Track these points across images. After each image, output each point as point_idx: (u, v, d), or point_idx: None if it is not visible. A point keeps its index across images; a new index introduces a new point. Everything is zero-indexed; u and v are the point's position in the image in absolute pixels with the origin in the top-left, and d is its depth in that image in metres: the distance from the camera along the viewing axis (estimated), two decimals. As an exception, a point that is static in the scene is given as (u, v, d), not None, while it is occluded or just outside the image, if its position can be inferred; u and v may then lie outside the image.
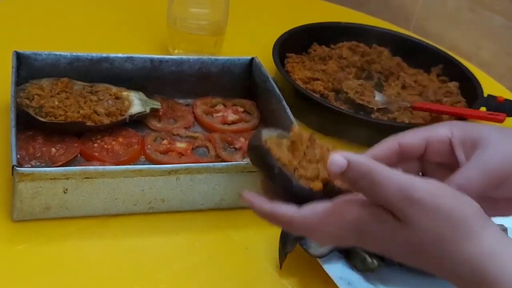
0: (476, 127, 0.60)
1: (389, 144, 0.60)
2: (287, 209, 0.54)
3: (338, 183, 0.56)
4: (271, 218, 0.55)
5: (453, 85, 1.10)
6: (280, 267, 0.74)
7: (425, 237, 0.52)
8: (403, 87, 1.09)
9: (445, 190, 0.53)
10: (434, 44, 1.21)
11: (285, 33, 1.11)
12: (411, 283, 0.76)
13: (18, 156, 0.76)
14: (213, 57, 0.98)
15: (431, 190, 0.52)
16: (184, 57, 0.96)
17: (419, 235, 0.52)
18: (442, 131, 0.60)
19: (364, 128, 0.95)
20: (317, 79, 1.05)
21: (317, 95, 1.02)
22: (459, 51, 1.34)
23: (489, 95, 1.06)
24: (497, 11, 1.35)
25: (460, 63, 1.16)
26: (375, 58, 1.13)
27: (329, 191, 0.54)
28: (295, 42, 1.12)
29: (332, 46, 1.16)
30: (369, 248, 0.54)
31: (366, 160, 0.51)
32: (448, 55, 1.17)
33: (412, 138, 0.60)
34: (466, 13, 1.39)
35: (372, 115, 1.01)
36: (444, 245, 0.52)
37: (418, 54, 1.17)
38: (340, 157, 0.50)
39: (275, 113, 0.91)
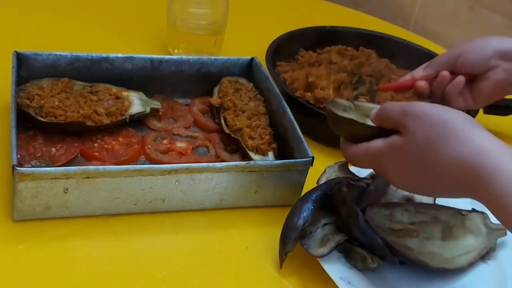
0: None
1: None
2: (345, 143, 0.72)
3: None
4: (341, 147, 0.73)
5: None
6: (280, 267, 0.74)
7: (421, 143, 0.61)
8: None
9: (435, 105, 0.63)
10: (418, 43, 1.21)
11: (273, 41, 1.09)
12: (411, 283, 0.76)
13: (19, 156, 0.76)
14: (213, 57, 0.98)
15: (423, 104, 0.63)
16: (184, 57, 0.97)
17: (416, 142, 0.62)
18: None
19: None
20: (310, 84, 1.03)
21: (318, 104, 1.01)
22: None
23: None
24: (497, 10, 1.35)
25: None
26: (364, 61, 1.13)
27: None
28: (283, 49, 1.10)
29: (319, 50, 1.16)
30: (388, 173, 0.67)
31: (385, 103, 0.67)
32: (435, 54, 1.16)
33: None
34: (466, 12, 1.40)
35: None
36: (437, 148, 0.59)
37: (404, 54, 1.17)
38: (376, 107, 0.69)
39: (276, 113, 0.91)
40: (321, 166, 0.84)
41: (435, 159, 0.60)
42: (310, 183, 0.83)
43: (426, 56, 1.14)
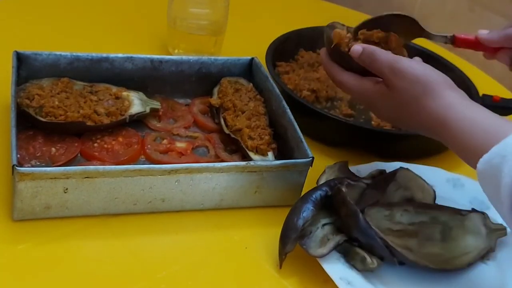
0: None
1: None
2: (335, 69, 0.82)
3: None
4: (326, 70, 0.84)
5: None
6: (280, 267, 0.74)
7: (403, 97, 0.73)
8: None
9: (421, 64, 0.75)
10: (418, 43, 1.20)
11: (273, 42, 1.09)
12: (411, 283, 0.76)
13: (18, 156, 0.76)
14: (213, 57, 0.98)
15: (409, 63, 0.73)
16: (184, 57, 0.97)
17: (400, 96, 0.73)
18: None
19: (365, 136, 0.95)
20: (314, 90, 1.03)
21: (315, 105, 1.01)
22: (458, 51, 1.33)
23: (484, 95, 1.05)
24: (497, 11, 1.35)
25: (448, 62, 1.15)
26: None
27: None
28: (283, 50, 1.10)
29: (319, 51, 1.15)
30: (372, 109, 0.82)
31: (372, 46, 0.77)
32: (435, 54, 1.16)
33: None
34: (466, 13, 1.39)
35: (372, 122, 1.00)
36: (417, 102, 0.72)
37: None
38: (358, 46, 0.78)
39: (276, 113, 0.91)
40: (321, 166, 0.84)
41: (415, 111, 0.72)
42: (310, 183, 0.83)
43: (426, 56, 1.14)
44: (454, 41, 0.87)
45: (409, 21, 0.87)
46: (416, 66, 0.74)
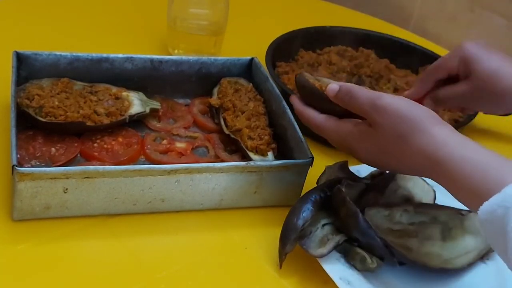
0: (469, 53, 0.87)
1: (427, 81, 0.91)
2: (311, 112, 0.78)
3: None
4: (300, 116, 0.80)
5: None
6: (280, 267, 0.74)
7: (388, 136, 0.69)
8: (395, 90, 1.08)
9: (403, 99, 0.69)
10: (418, 44, 1.21)
11: (273, 42, 1.08)
12: (410, 283, 0.76)
13: (18, 156, 0.76)
14: (213, 58, 0.98)
15: (391, 99, 0.69)
16: (184, 57, 0.97)
17: (384, 135, 0.69)
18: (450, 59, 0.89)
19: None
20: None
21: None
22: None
23: None
24: (497, 11, 1.35)
25: None
26: (363, 61, 1.13)
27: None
28: (283, 50, 1.10)
29: (319, 51, 1.15)
30: (354, 153, 0.75)
31: (349, 84, 0.73)
32: (434, 53, 1.16)
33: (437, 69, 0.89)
34: (466, 13, 1.39)
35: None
36: (402, 142, 0.67)
37: (403, 54, 1.16)
38: (334, 84, 0.74)
39: (275, 113, 0.91)
40: (321, 167, 0.84)
41: (401, 150, 0.68)
42: (309, 184, 0.83)
43: (425, 56, 1.14)
44: None
45: None
46: (399, 102, 0.69)
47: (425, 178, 0.84)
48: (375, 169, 0.85)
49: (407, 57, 1.16)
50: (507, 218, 0.57)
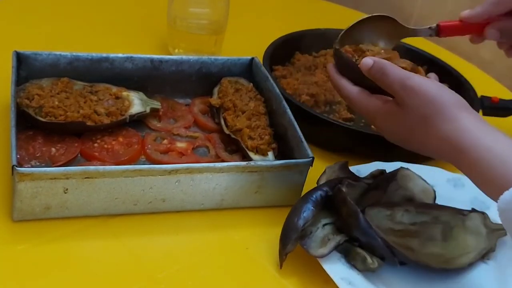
0: None
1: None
2: (345, 83, 0.78)
3: None
4: (334, 85, 0.79)
5: None
6: (280, 267, 0.74)
7: (414, 116, 0.69)
8: None
9: (433, 82, 0.70)
10: (418, 43, 1.20)
11: (269, 46, 1.08)
12: (411, 283, 0.76)
13: (18, 156, 0.76)
14: (213, 57, 0.98)
15: (421, 80, 0.69)
16: (184, 57, 0.96)
17: (411, 115, 0.69)
18: None
19: (365, 140, 0.94)
20: (313, 95, 1.02)
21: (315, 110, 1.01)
22: (459, 50, 1.34)
23: (483, 96, 1.05)
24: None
25: (445, 63, 1.14)
26: None
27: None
28: (279, 53, 1.09)
29: (315, 54, 1.15)
30: (380, 129, 0.75)
31: (383, 60, 0.73)
32: (432, 55, 1.16)
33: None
34: (466, 13, 1.39)
35: (373, 126, 1.00)
36: (428, 124, 0.68)
37: (400, 56, 1.16)
38: (369, 59, 0.74)
39: (276, 113, 0.91)
40: (321, 167, 0.84)
41: (426, 133, 0.69)
42: (310, 183, 0.83)
43: (423, 58, 1.14)
44: (439, 31, 0.84)
45: (391, 21, 0.85)
46: (429, 84, 0.69)
47: (425, 178, 0.84)
48: (376, 169, 0.85)
49: (403, 58, 1.15)
50: None
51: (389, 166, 0.86)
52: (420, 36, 0.85)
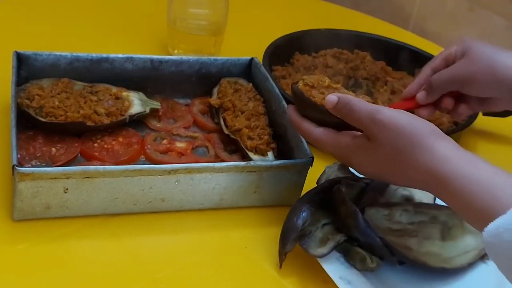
0: (468, 41, 0.84)
1: (425, 72, 0.87)
2: (308, 126, 0.75)
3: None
4: (297, 128, 0.76)
5: None
6: (280, 267, 0.74)
7: (387, 151, 0.67)
8: (392, 92, 1.08)
9: (403, 113, 0.67)
10: (418, 43, 1.20)
11: (269, 46, 1.08)
12: (411, 283, 0.76)
13: (19, 156, 0.76)
14: (212, 58, 0.98)
15: (391, 112, 0.67)
16: (184, 57, 0.97)
17: (383, 149, 0.67)
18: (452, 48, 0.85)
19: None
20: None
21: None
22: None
23: None
24: (497, 11, 1.35)
25: None
26: (359, 64, 1.12)
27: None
28: (278, 54, 1.09)
29: (314, 54, 1.15)
30: (354, 166, 0.73)
31: (348, 96, 0.71)
32: (431, 54, 1.16)
33: (436, 59, 0.87)
34: (465, 13, 1.39)
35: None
36: (403, 157, 0.65)
37: (399, 56, 1.16)
38: (333, 95, 0.72)
39: (275, 113, 0.91)
40: (321, 166, 0.84)
41: (402, 165, 0.66)
42: (309, 183, 0.83)
43: (422, 57, 1.14)
44: None
45: None
46: (399, 116, 0.66)
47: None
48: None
49: (403, 58, 1.16)
50: None
51: (388, 166, 0.86)
52: None
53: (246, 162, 0.80)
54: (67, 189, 0.74)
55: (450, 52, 0.86)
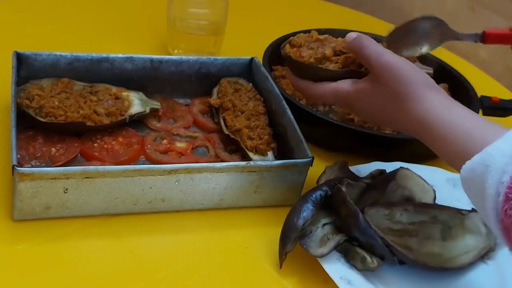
0: None
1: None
2: (307, 83, 0.79)
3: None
4: (298, 88, 0.82)
5: (443, 87, 1.10)
6: (280, 267, 0.74)
7: (385, 92, 0.72)
8: None
9: (405, 61, 0.72)
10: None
11: (269, 46, 1.08)
12: (411, 283, 0.76)
13: (19, 156, 0.76)
14: (212, 57, 0.98)
15: (396, 58, 0.72)
16: (183, 57, 0.97)
17: (382, 91, 0.72)
18: None
19: (365, 140, 0.95)
20: None
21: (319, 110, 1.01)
22: (457, 50, 1.34)
23: (483, 96, 1.05)
24: (497, 11, 1.35)
25: (444, 62, 1.14)
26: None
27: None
28: (278, 53, 1.09)
29: None
30: (354, 111, 0.78)
31: (363, 35, 0.77)
32: (431, 55, 1.15)
33: None
34: (466, 13, 1.40)
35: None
36: (398, 101, 0.71)
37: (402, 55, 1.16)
38: (353, 33, 0.78)
39: (275, 113, 0.91)
40: (321, 166, 0.84)
41: (397, 109, 0.72)
42: (310, 183, 0.83)
43: (423, 57, 1.14)
44: (485, 38, 0.87)
45: (437, 22, 0.86)
46: (402, 62, 0.72)
47: (425, 178, 0.84)
48: (375, 169, 0.85)
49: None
50: (486, 175, 0.59)
51: (389, 166, 0.86)
52: (463, 40, 0.87)
53: (246, 162, 0.80)
54: (67, 189, 0.74)
55: None
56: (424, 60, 1.14)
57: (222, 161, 0.86)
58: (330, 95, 0.78)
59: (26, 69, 0.88)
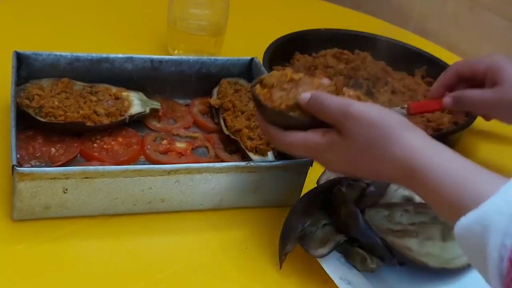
0: (499, 61, 0.87)
1: (449, 74, 0.92)
2: (275, 131, 0.72)
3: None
4: (265, 134, 0.75)
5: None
6: (280, 267, 0.74)
7: (359, 144, 0.66)
8: (393, 92, 1.08)
9: (374, 106, 0.67)
10: (418, 43, 1.20)
11: (269, 46, 1.08)
12: (411, 284, 0.76)
13: (18, 156, 0.76)
14: (213, 58, 0.98)
15: (362, 106, 0.66)
16: (184, 57, 0.97)
17: (354, 143, 0.66)
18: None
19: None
20: None
21: None
22: (458, 51, 1.34)
23: None
24: (497, 11, 1.35)
25: (445, 63, 1.14)
26: (359, 64, 1.12)
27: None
28: (279, 54, 1.09)
29: (314, 54, 1.15)
30: (325, 164, 0.72)
31: (319, 92, 0.70)
32: (431, 55, 1.16)
33: (463, 65, 0.91)
34: (466, 13, 1.39)
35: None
36: (374, 149, 0.65)
37: (400, 56, 1.16)
38: (306, 94, 0.70)
39: (275, 113, 0.91)
40: (321, 167, 0.84)
41: (374, 158, 0.66)
42: (310, 183, 0.83)
43: (422, 58, 1.14)
44: (409, 109, 0.92)
45: None
46: (370, 108, 0.66)
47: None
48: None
49: (403, 59, 1.15)
50: (486, 236, 0.55)
51: (389, 167, 0.86)
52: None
53: (246, 162, 0.80)
54: (66, 189, 0.74)
55: (478, 67, 0.89)
56: (420, 56, 1.15)
57: (222, 161, 0.86)
58: (299, 146, 0.70)
59: (26, 69, 0.88)
